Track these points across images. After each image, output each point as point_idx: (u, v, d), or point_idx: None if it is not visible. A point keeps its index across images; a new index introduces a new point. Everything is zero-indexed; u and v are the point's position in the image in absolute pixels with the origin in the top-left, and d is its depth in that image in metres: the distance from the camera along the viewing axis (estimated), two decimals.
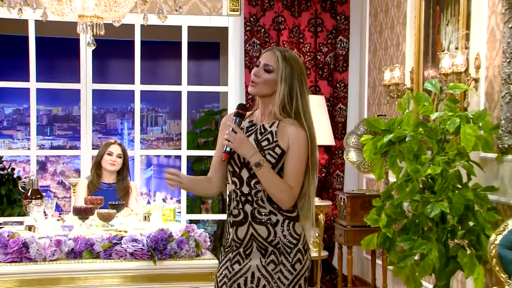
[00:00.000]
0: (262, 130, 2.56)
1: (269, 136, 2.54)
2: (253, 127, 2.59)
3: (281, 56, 2.52)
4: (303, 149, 2.50)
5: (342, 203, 5.10)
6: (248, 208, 2.54)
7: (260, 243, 2.53)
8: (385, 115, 5.11)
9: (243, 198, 2.55)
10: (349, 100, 5.84)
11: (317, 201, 5.39)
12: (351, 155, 5.01)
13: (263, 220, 2.52)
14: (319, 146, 5.53)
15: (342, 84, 5.81)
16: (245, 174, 2.54)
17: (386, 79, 4.85)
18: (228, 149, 2.50)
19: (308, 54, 5.71)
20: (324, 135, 5.38)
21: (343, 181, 5.83)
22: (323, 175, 5.72)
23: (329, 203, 5.49)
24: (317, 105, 5.39)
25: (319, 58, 5.75)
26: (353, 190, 5.29)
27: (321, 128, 5.32)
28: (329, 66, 5.76)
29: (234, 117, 2.54)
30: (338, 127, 5.80)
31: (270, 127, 2.55)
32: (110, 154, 4.61)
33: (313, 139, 2.54)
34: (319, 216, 5.24)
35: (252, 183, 2.53)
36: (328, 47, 5.75)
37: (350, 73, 5.84)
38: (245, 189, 2.54)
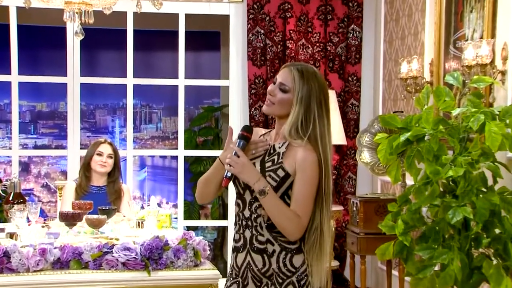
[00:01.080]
0: (271, 151, 2.57)
1: (275, 157, 2.55)
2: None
3: (298, 74, 2.52)
4: (312, 173, 2.49)
5: (354, 208, 5.10)
6: (247, 233, 2.55)
7: (255, 274, 2.54)
8: (402, 112, 5.10)
9: (244, 222, 2.56)
10: (362, 95, 5.84)
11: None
12: (365, 156, 5.01)
13: (260, 249, 2.52)
14: None
15: (355, 78, 5.81)
16: (247, 196, 2.55)
17: (403, 72, 4.84)
18: (229, 174, 2.50)
19: (317, 44, 5.71)
20: (334, 134, 5.36)
21: (356, 184, 5.83)
22: (333, 177, 5.72)
23: (340, 208, 5.49)
24: None
25: (329, 49, 5.75)
26: (366, 194, 5.29)
27: (331, 126, 5.30)
28: (340, 58, 5.76)
29: (238, 140, 2.54)
30: (350, 125, 5.80)
31: (280, 147, 2.56)
32: (99, 154, 4.61)
33: (327, 166, 2.53)
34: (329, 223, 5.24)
35: (253, 207, 2.54)
36: (339, 36, 5.75)
37: (363, 65, 5.84)
38: (246, 213, 2.55)
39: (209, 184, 2.68)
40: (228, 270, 2.67)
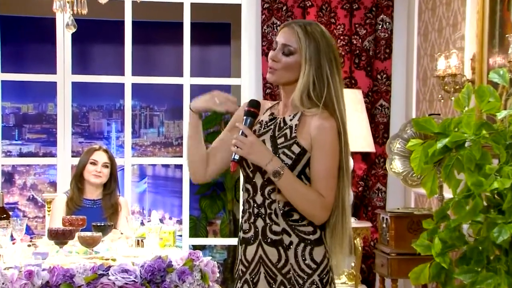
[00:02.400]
0: (282, 125, 2.56)
1: (287, 131, 2.53)
2: (273, 121, 2.60)
3: (302, 31, 2.51)
4: (332, 144, 2.47)
5: (384, 225, 5.08)
6: (259, 223, 2.53)
7: (269, 269, 2.51)
8: (439, 114, 5.08)
9: (255, 210, 2.54)
10: (392, 95, 5.83)
11: (353, 222, 5.37)
12: (396, 165, 4.99)
13: (275, 240, 2.50)
14: (355, 153, 5.52)
15: (384, 75, 5.80)
16: (258, 180, 2.53)
17: (440, 69, 4.83)
18: (236, 157, 2.49)
19: (342, 38, 5.70)
20: (361, 140, 5.36)
21: (386, 197, 5.81)
22: (360, 189, 5.70)
23: (368, 224, 5.47)
24: (352, 102, 5.38)
25: (355, 42, 5.74)
26: (398, 209, 5.27)
27: (357, 130, 5.31)
28: (367, 53, 5.75)
29: (245, 117, 2.54)
30: (379, 130, 5.78)
31: (291, 120, 2.55)
32: (94, 163, 4.63)
33: (345, 133, 2.53)
34: (355, 241, 5.22)
35: (266, 191, 2.52)
36: (367, 28, 5.74)
37: (394, 61, 5.82)
38: (258, 199, 2.53)
39: (192, 153, 2.72)
40: (236, 266, 2.63)
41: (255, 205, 2.53)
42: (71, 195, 4.61)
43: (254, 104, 2.57)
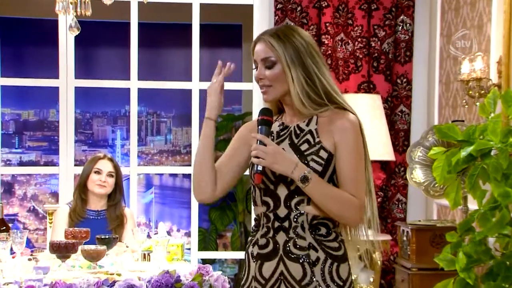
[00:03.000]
0: (298, 132, 2.60)
1: (308, 136, 2.57)
2: (285, 130, 2.64)
3: (274, 39, 2.56)
4: (356, 141, 2.54)
5: (405, 238, 5.07)
6: (281, 237, 2.54)
7: (291, 287, 2.52)
8: (463, 121, 5.07)
9: (276, 224, 2.55)
10: (413, 100, 5.82)
11: (371, 235, 5.35)
12: (417, 174, 4.98)
13: (300, 256, 2.51)
14: (373, 161, 5.51)
15: (405, 80, 5.79)
16: (282, 192, 2.55)
17: (464, 73, 4.81)
18: (260, 167, 2.50)
19: (359, 40, 5.70)
20: (380, 148, 5.35)
21: (406, 209, 5.79)
22: (379, 200, 5.69)
23: (387, 237, 5.46)
24: (370, 107, 5.38)
25: (373, 45, 5.74)
26: (419, 221, 5.26)
27: (376, 138, 5.30)
28: (386, 56, 5.75)
29: (260, 127, 2.56)
30: (399, 137, 5.77)
31: (308, 125, 2.59)
32: (98, 172, 4.64)
33: (360, 122, 2.60)
34: (374, 255, 5.21)
35: (292, 203, 2.54)
36: (386, 30, 5.74)
37: (415, 64, 5.82)
38: (281, 212, 2.55)
39: (202, 171, 2.66)
40: (246, 284, 2.64)
41: (277, 219, 2.55)
42: (74, 206, 4.62)
43: (266, 112, 2.60)
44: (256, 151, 2.49)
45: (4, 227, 4.11)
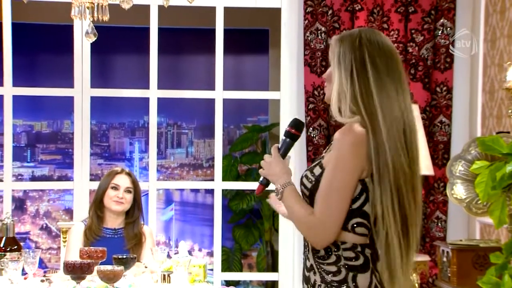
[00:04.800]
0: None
1: (323, 153, 2.68)
2: None
3: (334, 39, 2.66)
4: (336, 157, 2.51)
5: (445, 259, 5.04)
6: (304, 259, 2.69)
7: None
8: (509, 132, 5.04)
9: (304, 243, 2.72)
10: (454, 110, 5.79)
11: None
12: (458, 190, 4.95)
13: (306, 277, 2.64)
14: None
15: (445, 88, 5.77)
16: None
17: (510, 80, 4.79)
18: (261, 178, 2.69)
19: (395, 45, 5.68)
20: None
21: (446, 227, 5.76)
22: None
23: (426, 258, 5.43)
24: None
25: (410, 50, 5.73)
26: (461, 240, 5.23)
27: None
28: (425, 62, 5.73)
29: (283, 138, 2.71)
30: (438, 149, 5.75)
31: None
32: (115, 187, 4.66)
33: (378, 134, 2.51)
34: (411, 277, 5.18)
35: None
36: (424, 34, 5.72)
37: (456, 72, 5.79)
38: None
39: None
40: None
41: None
42: (89, 224, 4.64)
43: (295, 125, 2.71)
44: (262, 161, 2.68)
45: (16, 246, 4.14)
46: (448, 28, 5.76)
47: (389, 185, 2.49)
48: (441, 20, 5.76)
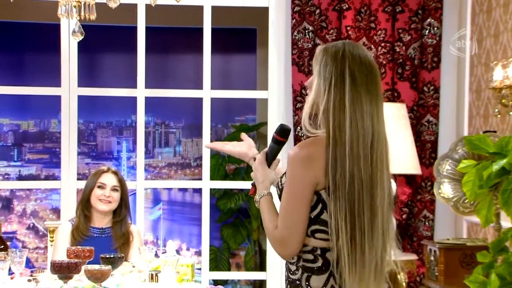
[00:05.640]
0: None
1: None
2: None
3: (319, 49, 2.72)
4: (289, 175, 2.64)
5: (432, 258, 5.05)
6: None
7: None
8: (495, 132, 5.05)
9: None
10: (441, 110, 5.81)
11: (396, 255, 5.34)
12: (445, 189, 4.96)
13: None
14: (398, 175, 5.50)
15: (432, 87, 5.78)
16: None
17: (496, 80, 4.80)
18: (253, 181, 2.85)
19: (383, 45, 5.70)
20: (405, 160, 5.33)
21: (434, 226, 5.78)
22: (404, 217, 5.68)
23: (413, 257, 5.44)
24: (394, 117, 5.37)
25: (398, 50, 5.74)
26: (448, 239, 5.25)
27: (401, 150, 5.29)
28: (412, 62, 5.74)
29: (271, 143, 2.82)
30: (426, 149, 5.76)
31: None
32: (102, 186, 4.65)
33: (338, 146, 2.59)
34: (399, 276, 5.19)
35: None
36: (412, 34, 5.73)
37: (443, 71, 5.81)
38: None
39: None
40: None
41: None
42: (76, 224, 4.63)
43: (282, 132, 2.81)
44: (252, 165, 2.84)
45: (2, 246, 4.13)
46: (435, 28, 5.77)
47: (344, 200, 2.57)
48: (428, 20, 5.77)
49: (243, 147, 3.05)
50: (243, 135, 3.11)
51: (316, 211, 2.62)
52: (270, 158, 2.81)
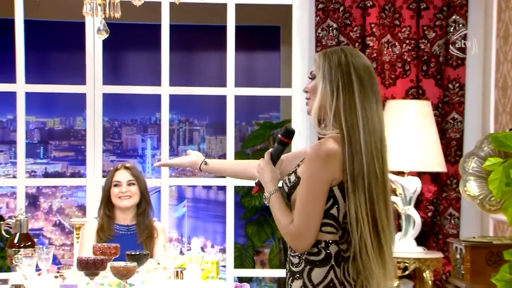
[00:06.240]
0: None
1: (301, 160, 2.92)
2: None
3: (320, 54, 2.88)
4: (308, 171, 2.76)
5: (458, 256, 5.03)
6: None
7: None
8: None
9: None
10: (466, 107, 5.77)
11: (421, 253, 5.33)
12: (471, 187, 4.94)
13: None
14: (423, 173, 5.48)
15: (457, 85, 5.75)
16: None
17: None
18: (257, 180, 2.99)
19: (407, 42, 5.68)
20: (430, 158, 5.31)
21: (459, 224, 5.75)
22: (429, 214, 5.65)
23: (439, 255, 5.42)
24: (419, 115, 5.35)
25: (422, 47, 5.71)
26: (474, 237, 5.22)
27: (425, 147, 5.27)
28: (437, 59, 5.71)
29: (276, 144, 2.98)
30: (451, 146, 5.73)
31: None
32: (117, 184, 4.68)
33: (356, 146, 2.75)
34: (424, 274, 5.18)
35: None
36: (437, 31, 5.71)
37: (469, 68, 5.78)
38: None
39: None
40: None
41: None
42: (100, 224, 4.65)
43: (286, 134, 2.97)
44: (256, 165, 2.99)
45: (30, 242, 4.15)
46: (461, 25, 5.74)
47: (363, 192, 2.74)
48: (453, 17, 5.74)
49: (191, 157, 3.48)
50: (189, 151, 3.52)
51: (327, 206, 2.77)
52: (275, 159, 2.96)
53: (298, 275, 2.81)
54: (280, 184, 2.93)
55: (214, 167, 3.50)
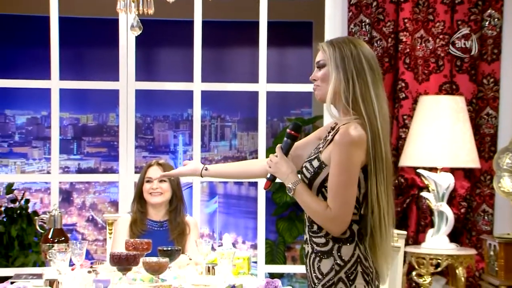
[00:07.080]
0: (324, 139, 3.04)
1: (322, 144, 3.01)
2: (326, 137, 3.06)
3: (326, 44, 2.98)
4: (340, 155, 2.84)
5: (491, 253, 5.00)
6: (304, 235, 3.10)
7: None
8: None
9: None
10: (501, 102, 5.73)
11: (454, 249, 5.29)
12: (505, 183, 4.91)
13: (304, 251, 3.05)
14: (456, 169, 5.44)
15: (492, 80, 5.70)
16: None
17: None
18: (268, 175, 3.04)
19: (441, 37, 5.64)
20: (463, 154, 5.27)
21: (493, 221, 5.70)
22: (462, 211, 5.62)
23: (472, 252, 5.38)
24: (453, 110, 5.31)
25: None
26: (508, 234, 5.19)
27: (459, 143, 5.23)
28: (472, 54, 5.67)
29: (284, 139, 3.05)
30: (485, 142, 5.69)
31: (330, 133, 3.00)
32: (149, 180, 4.69)
33: (375, 131, 2.87)
34: (457, 271, 5.14)
35: None
36: (471, 26, 5.66)
37: (504, 63, 5.72)
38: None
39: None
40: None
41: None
42: (134, 219, 4.67)
43: (295, 128, 3.05)
44: (268, 160, 3.04)
45: (63, 238, 4.18)
46: (496, 19, 5.68)
47: (382, 174, 2.88)
48: (488, 11, 5.69)
49: (191, 166, 3.53)
50: (185, 162, 3.57)
51: None
52: (285, 152, 3.03)
53: (326, 255, 2.91)
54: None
55: (216, 172, 3.55)
